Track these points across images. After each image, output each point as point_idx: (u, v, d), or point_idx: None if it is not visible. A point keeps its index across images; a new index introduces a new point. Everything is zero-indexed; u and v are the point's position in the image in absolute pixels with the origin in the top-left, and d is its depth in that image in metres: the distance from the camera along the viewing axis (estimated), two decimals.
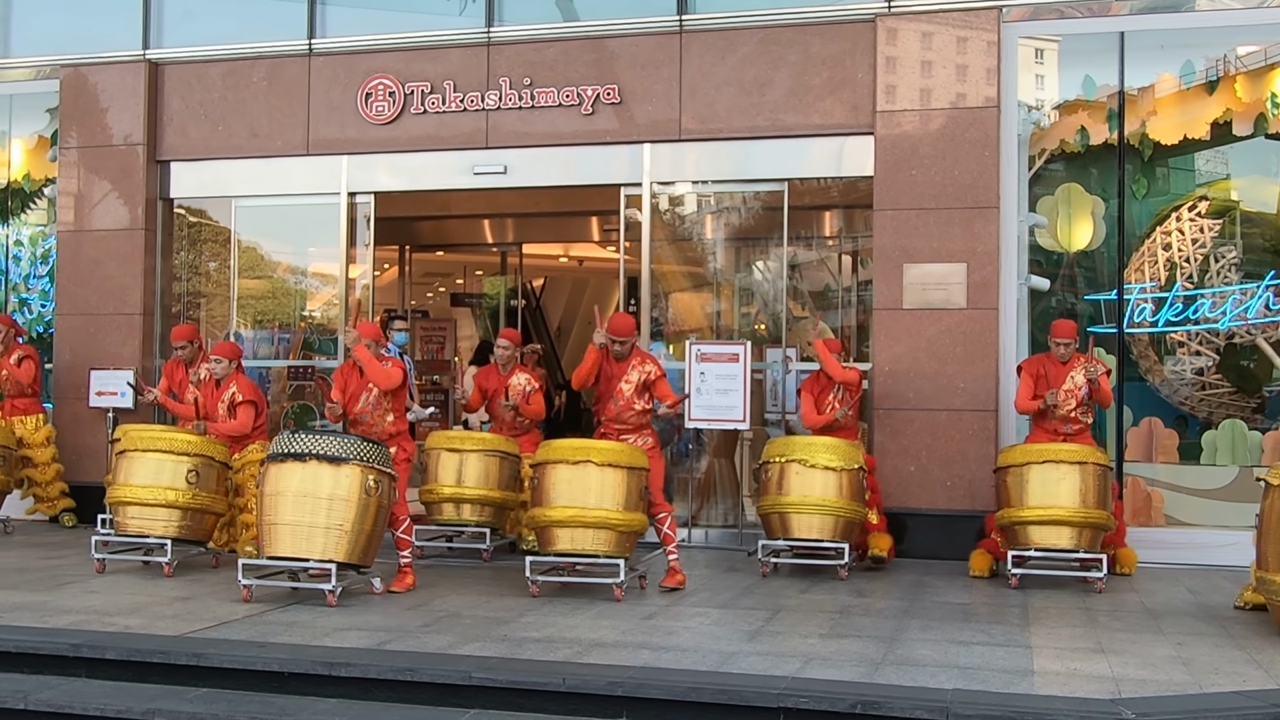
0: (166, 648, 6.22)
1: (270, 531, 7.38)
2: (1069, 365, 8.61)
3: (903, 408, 9.49)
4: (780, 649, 6.32)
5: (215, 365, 9.00)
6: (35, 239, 12.08)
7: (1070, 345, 8.62)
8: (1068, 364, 8.62)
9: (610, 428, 8.24)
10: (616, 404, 8.19)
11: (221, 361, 8.97)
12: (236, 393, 8.92)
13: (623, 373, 8.18)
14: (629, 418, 8.19)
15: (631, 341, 8.25)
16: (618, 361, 8.22)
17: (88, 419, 11.23)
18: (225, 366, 8.97)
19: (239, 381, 8.99)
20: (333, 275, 11.31)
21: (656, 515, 8.08)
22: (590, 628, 6.79)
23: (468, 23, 10.79)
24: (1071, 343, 8.62)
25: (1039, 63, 9.95)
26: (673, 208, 10.86)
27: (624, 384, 8.16)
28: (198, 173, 11.49)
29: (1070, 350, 8.62)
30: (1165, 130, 9.59)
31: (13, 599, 7.44)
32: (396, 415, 8.09)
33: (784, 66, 10.03)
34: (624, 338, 8.18)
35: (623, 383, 8.17)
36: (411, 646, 6.29)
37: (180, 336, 9.57)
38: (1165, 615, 7.34)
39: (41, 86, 11.83)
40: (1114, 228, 9.61)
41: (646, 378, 8.16)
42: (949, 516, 9.34)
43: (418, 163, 10.89)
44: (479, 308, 16.44)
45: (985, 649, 6.38)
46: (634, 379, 8.16)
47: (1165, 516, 9.42)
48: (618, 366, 8.22)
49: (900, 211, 9.63)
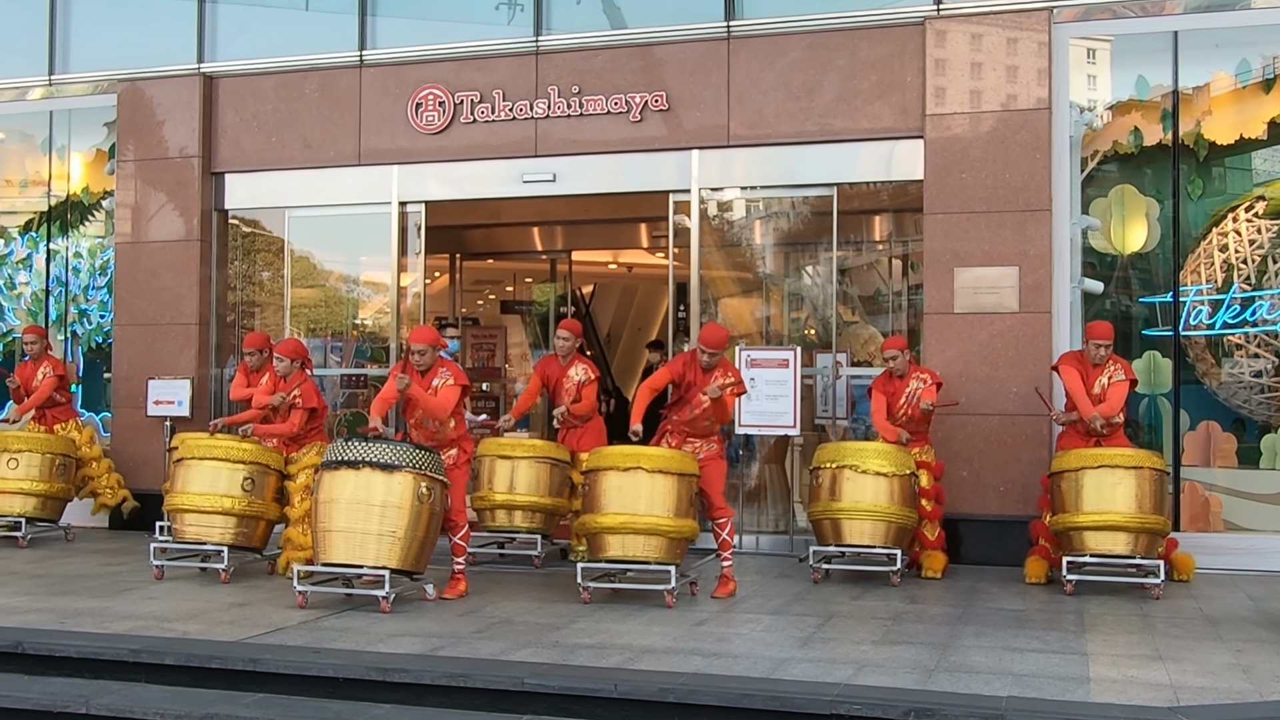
0: (224, 653, 6.30)
1: (324, 538, 7.45)
2: (1102, 368, 8.48)
3: (955, 412, 9.41)
4: (832, 655, 6.30)
5: (278, 364, 9.01)
6: (94, 251, 12.30)
7: (1108, 347, 8.47)
8: (1100, 366, 8.49)
9: (679, 429, 8.21)
10: (692, 411, 8.16)
11: (283, 360, 8.97)
12: (297, 395, 8.93)
13: (705, 383, 8.08)
14: (702, 425, 8.18)
15: (721, 355, 8.17)
16: (704, 371, 8.17)
17: (145, 428, 11.40)
18: (288, 365, 8.97)
19: (303, 386, 8.96)
20: (384, 284, 11.42)
21: (717, 519, 8.07)
22: (641, 634, 6.80)
23: (516, 32, 10.86)
24: (1108, 344, 8.47)
25: (1091, 63, 9.85)
26: (721, 213, 10.86)
27: (703, 394, 8.08)
28: (251, 184, 11.65)
29: (1107, 353, 8.48)
30: (1221, 130, 9.46)
31: (74, 604, 7.57)
32: (458, 419, 8.18)
33: (832, 71, 10.00)
34: (714, 349, 8.08)
35: (703, 393, 8.09)
36: (464, 652, 6.33)
37: (251, 344, 9.53)
38: (1224, 622, 7.23)
39: (99, 101, 12.05)
40: (1169, 229, 9.49)
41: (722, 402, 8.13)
42: (1002, 522, 9.26)
43: (468, 171, 10.98)
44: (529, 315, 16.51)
45: (1040, 656, 6.32)
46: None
47: (1224, 521, 9.28)
48: (703, 377, 8.14)
49: (951, 215, 9.57)
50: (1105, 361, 8.47)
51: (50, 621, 7.03)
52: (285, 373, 9.01)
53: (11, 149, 12.81)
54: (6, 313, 12.51)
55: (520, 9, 10.95)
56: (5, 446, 10.31)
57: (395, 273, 11.16)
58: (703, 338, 8.16)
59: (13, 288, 12.51)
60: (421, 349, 8.02)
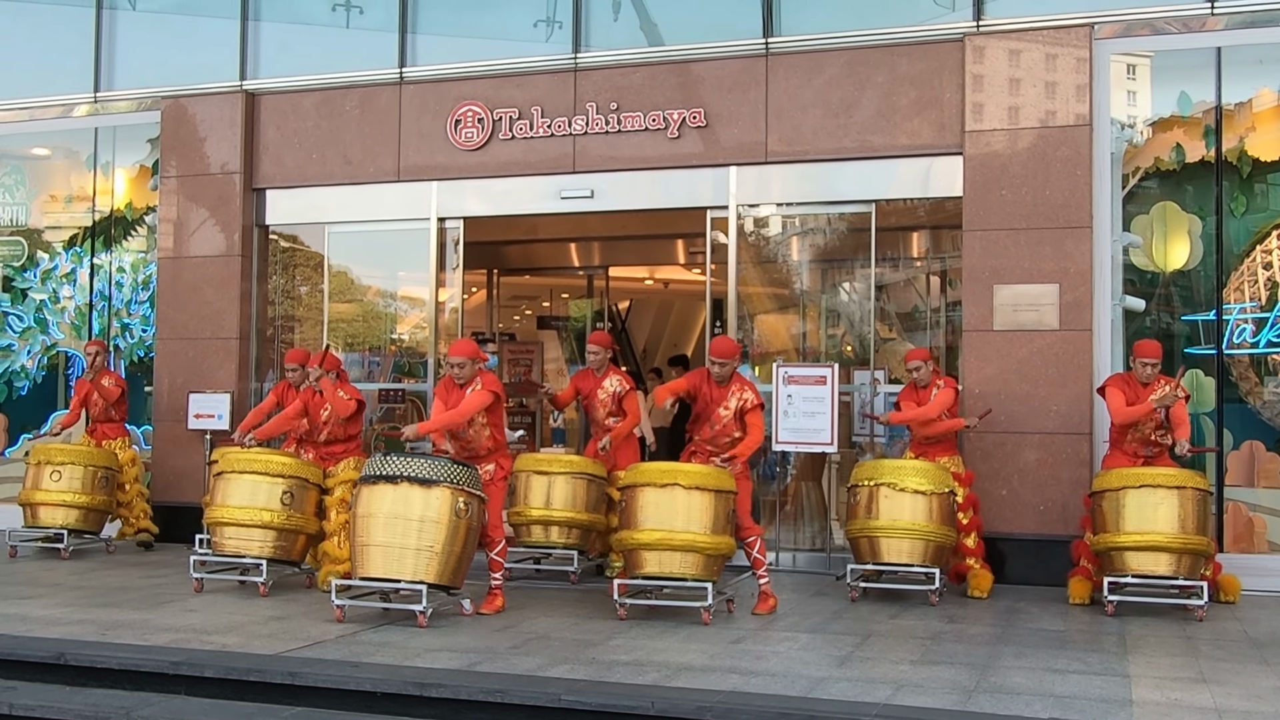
0: (263, 666, 6.34)
1: (362, 553, 7.48)
2: (1150, 388, 8.40)
3: (993, 430, 9.36)
4: (870, 675, 6.26)
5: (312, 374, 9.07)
6: (137, 265, 12.43)
7: (1155, 366, 8.40)
8: (1149, 386, 8.42)
9: (702, 448, 8.24)
10: (713, 428, 8.21)
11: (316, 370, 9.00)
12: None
13: (722, 398, 8.18)
14: (724, 442, 8.19)
15: (732, 365, 8.20)
16: (719, 385, 8.21)
17: (185, 441, 11.50)
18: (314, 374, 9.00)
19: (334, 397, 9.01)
20: (422, 299, 11.48)
21: (746, 539, 8.04)
22: (678, 651, 6.78)
23: (554, 49, 10.92)
24: (1157, 363, 8.41)
25: (1130, 79, 9.78)
26: (758, 229, 10.85)
27: (722, 409, 8.16)
28: (292, 200, 11.75)
29: (1155, 372, 8.42)
30: (1265, 146, 9.36)
31: (115, 616, 7.64)
32: (494, 430, 8.14)
33: (871, 87, 9.98)
34: (723, 359, 8.15)
35: (721, 408, 8.17)
36: (501, 668, 6.33)
37: (293, 360, 9.71)
38: (1270, 645, 7.13)
39: (143, 118, 12.20)
40: (1211, 246, 9.40)
41: (743, 405, 8.15)
42: (1042, 541, 9.18)
43: (506, 188, 11.03)
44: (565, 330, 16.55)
45: (1082, 677, 6.25)
46: (732, 405, 8.16)
47: (1268, 542, 9.15)
48: (718, 391, 8.21)
49: (990, 232, 9.52)
50: (1153, 381, 8.40)
51: (92, 633, 7.10)
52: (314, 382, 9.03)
53: (57, 165, 12.98)
54: (51, 326, 12.67)
55: (559, 26, 11.01)
56: (49, 459, 10.44)
57: (433, 288, 11.22)
58: (713, 348, 8.24)
59: (56, 301, 12.67)
60: (460, 361, 8.03)
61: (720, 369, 8.16)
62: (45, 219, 12.90)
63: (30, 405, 12.71)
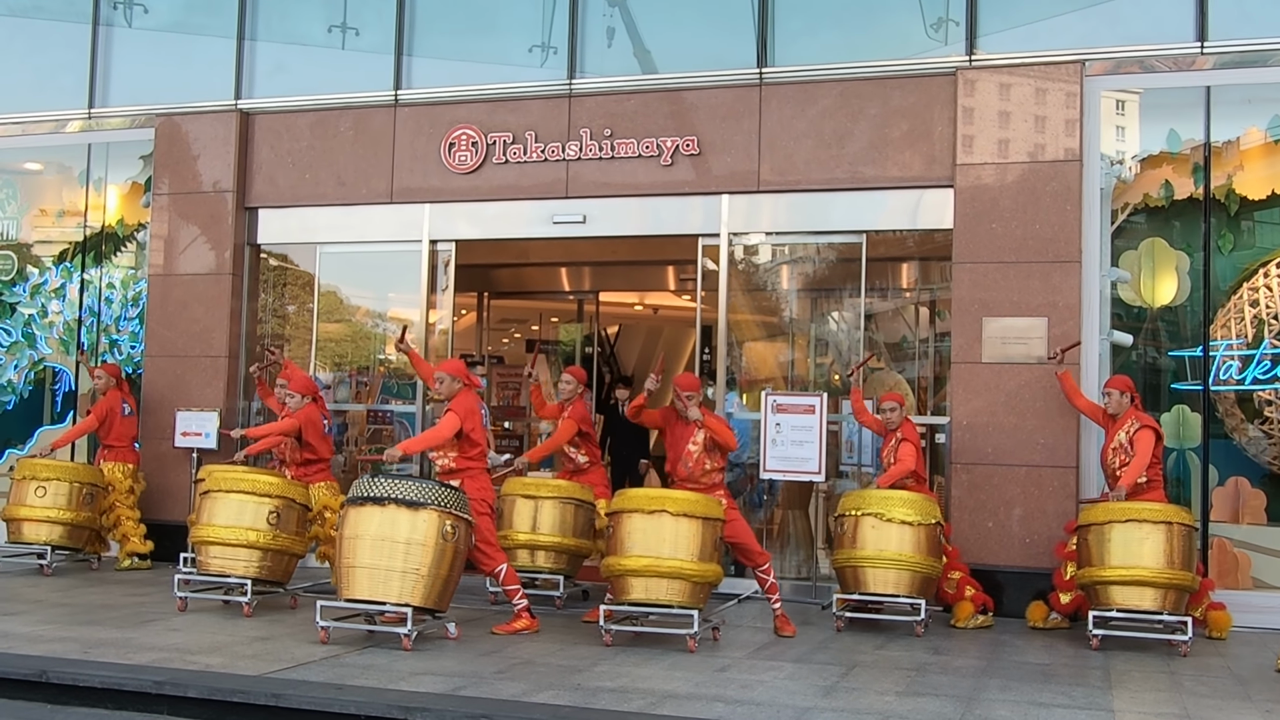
0: (246, 687, 6.31)
1: (348, 574, 7.46)
2: (1119, 423, 8.57)
3: (981, 463, 9.39)
4: (856, 706, 6.25)
5: (289, 399, 9.42)
6: (126, 282, 12.42)
7: (1118, 397, 8.61)
8: (1118, 421, 8.59)
9: (684, 487, 8.26)
10: (687, 465, 8.28)
11: (294, 396, 9.36)
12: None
13: (689, 435, 8.27)
14: (700, 477, 8.25)
15: (698, 398, 8.29)
16: (680, 418, 8.32)
17: (172, 459, 11.46)
18: (298, 401, 9.32)
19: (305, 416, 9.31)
20: (411, 321, 11.47)
21: (760, 565, 8.25)
22: (664, 679, 6.77)
23: (549, 75, 10.97)
24: (1118, 394, 8.62)
25: (1120, 115, 9.86)
26: (749, 258, 10.89)
27: (691, 445, 8.26)
28: (284, 219, 11.76)
29: (1121, 403, 8.60)
30: (1252, 184, 9.45)
31: (98, 635, 7.59)
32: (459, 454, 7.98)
33: (863, 119, 10.05)
34: (689, 392, 8.25)
35: (690, 444, 8.26)
36: (486, 693, 6.31)
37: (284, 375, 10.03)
38: (1253, 681, 7.15)
39: (136, 135, 12.20)
40: (1199, 283, 9.47)
41: (710, 435, 8.19)
42: (1028, 574, 9.19)
43: (498, 211, 11.05)
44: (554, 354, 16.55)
45: (1066, 711, 6.25)
46: (699, 439, 8.23)
47: (1252, 579, 9.19)
48: (685, 428, 8.29)
49: (980, 265, 9.58)
50: (1122, 415, 8.57)
51: (74, 651, 7.06)
52: (295, 408, 9.35)
53: (49, 180, 12.97)
54: (39, 341, 12.64)
55: (554, 52, 11.07)
56: (34, 474, 10.39)
57: (424, 310, 11.23)
58: (678, 383, 8.34)
59: (45, 316, 12.64)
60: (439, 376, 8.04)
61: (686, 402, 8.22)
62: (35, 233, 12.88)
63: (16, 420, 12.66)
